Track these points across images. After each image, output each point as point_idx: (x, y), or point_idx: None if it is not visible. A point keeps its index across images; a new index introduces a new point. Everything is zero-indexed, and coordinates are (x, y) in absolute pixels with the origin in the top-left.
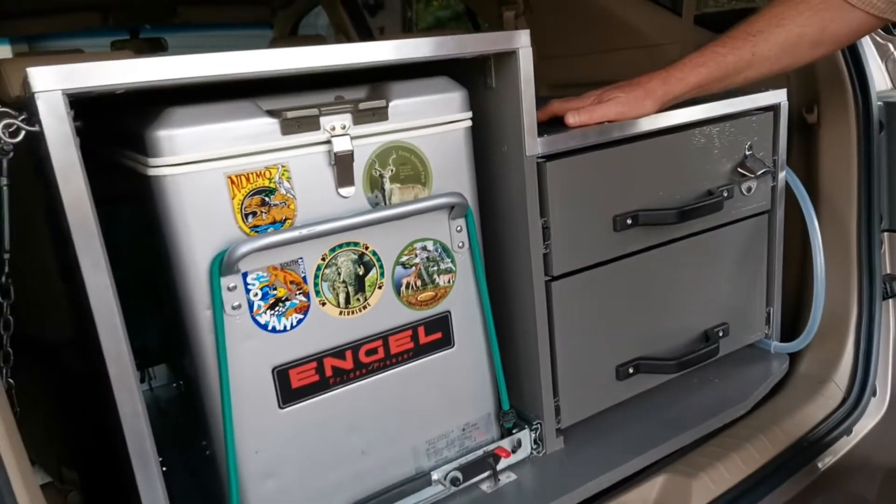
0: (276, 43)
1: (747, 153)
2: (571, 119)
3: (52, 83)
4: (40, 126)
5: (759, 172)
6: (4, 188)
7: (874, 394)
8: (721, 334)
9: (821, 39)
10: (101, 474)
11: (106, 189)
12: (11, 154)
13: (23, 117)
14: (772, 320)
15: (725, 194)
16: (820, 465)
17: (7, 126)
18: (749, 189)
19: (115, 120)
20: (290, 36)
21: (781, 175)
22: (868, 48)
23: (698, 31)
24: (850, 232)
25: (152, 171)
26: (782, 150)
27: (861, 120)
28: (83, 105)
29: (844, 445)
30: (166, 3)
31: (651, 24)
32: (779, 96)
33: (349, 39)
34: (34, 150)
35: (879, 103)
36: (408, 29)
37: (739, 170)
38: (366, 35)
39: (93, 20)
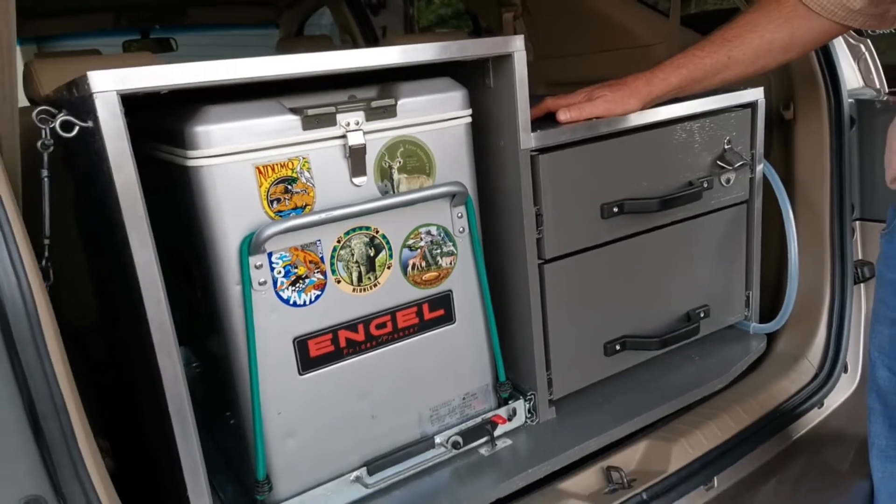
0: (282, 42)
1: (726, 147)
2: (563, 116)
3: (108, 85)
4: (95, 122)
5: (737, 165)
6: (46, 179)
7: (845, 370)
8: (702, 315)
9: (790, 44)
10: (129, 444)
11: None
12: (52, 148)
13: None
14: (751, 303)
15: (705, 185)
16: (793, 434)
17: (65, 122)
18: (728, 180)
19: (148, 118)
20: (297, 36)
21: (759, 168)
22: (841, 49)
23: (684, 32)
24: (823, 221)
25: (190, 163)
26: (760, 144)
27: (833, 116)
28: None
29: (816, 417)
30: (177, 5)
31: (641, 25)
32: (756, 94)
33: (353, 38)
34: (66, 144)
35: (851, 100)
36: (409, 27)
37: (719, 162)
38: (369, 34)
39: (106, 21)
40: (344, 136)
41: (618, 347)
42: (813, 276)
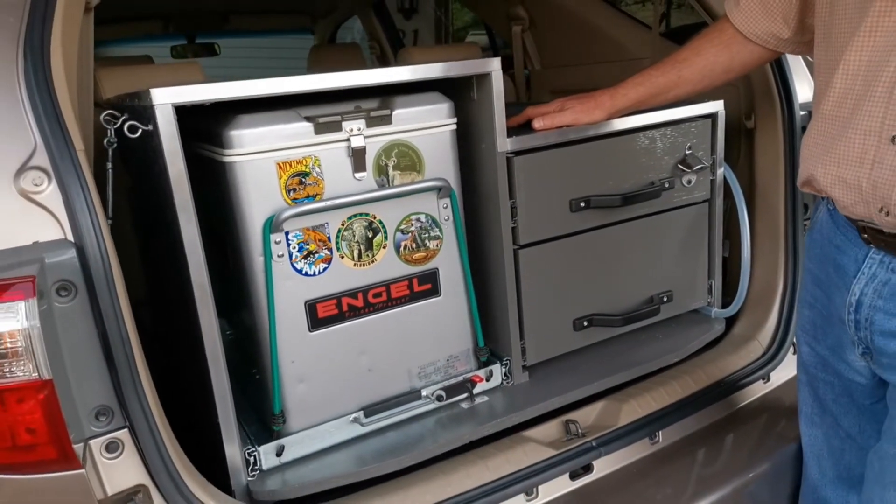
0: (315, 49)
1: (687, 152)
2: (537, 124)
3: (165, 98)
4: (154, 126)
5: (696, 168)
6: (110, 171)
7: (794, 352)
8: (665, 299)
9: (730, 67)
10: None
11: None
12: (115, 145)
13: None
14: (713, 291)
15: (666, 185)
16: (738, 402)
17: (131, 126)
18: (689, 181)
19: (193, 122)
20: (329, 42)
21: (720, 171)
22: (799, 66)
23: (665, 43)
24: (779, 219)
25: (226, 159)
26: (720, 150)
27: (787, 126)
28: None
29: (762, 389)
30: (220, 13)
31: (630, 38)
32: (716, 106)
33: (381, 45)
34: (125, 142)
35: (803, 112)
36: (443, 30)
37: (680, 166)
38: (396, 41)
39: (155, 27)
40: (348, 140)
41: (585, 323)
42: (769, 268)
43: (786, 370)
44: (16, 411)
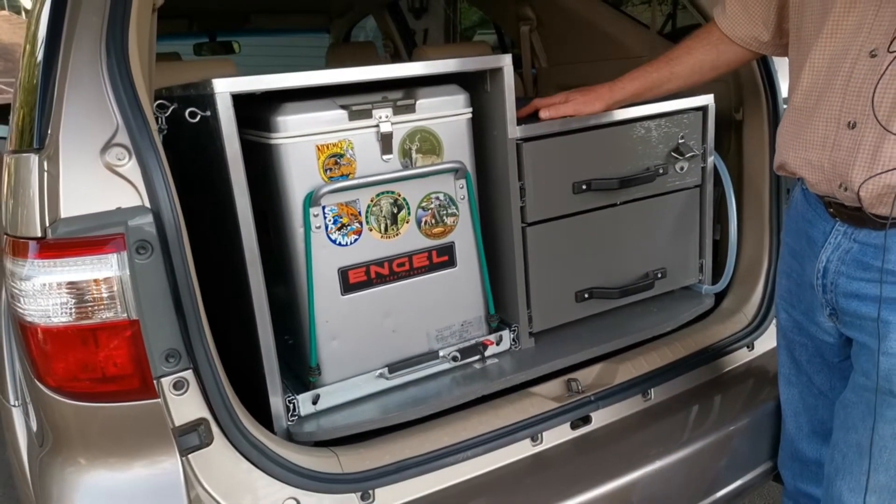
0: (332, 48)
1: (680, 141)
2: (543, 114)
3: (225, 87)
4: (214, 112)
5: (688, 155)
6: (162, 154)
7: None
8: (659, 275)
9: (717, 65)
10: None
11: None
12: (166, 132)
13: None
14: (705, 269)
15: (660, 171)
16: (724, 367)
17: (191, 112)
18: (682, 168)
19: (242, 109)
20: (345, 41)
21: (710, 159)
22: (783, 64)
23: (662, 42)
24: (764, 203)
25: (273, 142)
26: (710, 140)
27: (771, 118)
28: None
29: (746, 356)
30: (241, 12)
31: (630, 37)
32: (707, 100)
33: (394, 44)
34: (174, 129)
35: (786, 106)
36: (451, 28)
37: (673, 154)
38: (409, 39)
39: (180, 26)
40: (377, 126)
41: (586, 296)
42: (755, 248)
43: (769, 340)
44: (106, 347)
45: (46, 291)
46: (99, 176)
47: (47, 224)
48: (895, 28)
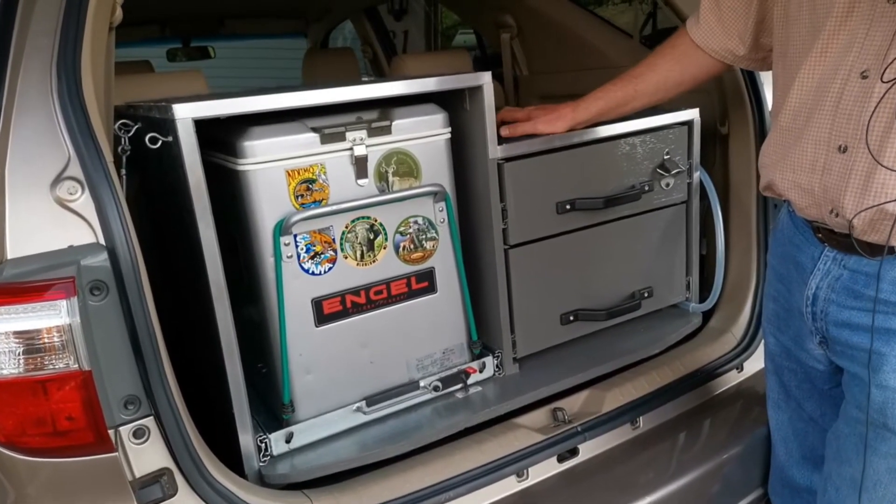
0: (310, 53)
1: (665, 157)
2: (503, 132)
3: (186, 113)
4: (175, 138)
5: (674, 172)
6: (124, 176)
7: None
8: (645, 295)
9: (682, 80)
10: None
11: None
12: (129, 153)
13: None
14: (692, 287)
15: (646, 188)
16: (713, 391)
17: (152, 138)
18: (667, 184)
19: (207, 132)
20: (322, 46)
21: (696, 175)
22: (769, 77)
23: (644, 51)
24: (751, 219)
25: (240, 168)
26: (696, 155)
27: (757, 132)
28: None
29: (735, 378)
30: (215, 17)
31: (611, 47)
32: (692, 114)
33: (373, 50)
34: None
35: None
36: (431, 30)
37: (659, 170)
38: (388, 45)
39: (152, 32)
40: (351, 149)
41: (572, 318)
42: (742, 265)
43: (758, 361)
44: (57, 399)
45: None
46: (49, 212)
47: None
48: (886, 49)
